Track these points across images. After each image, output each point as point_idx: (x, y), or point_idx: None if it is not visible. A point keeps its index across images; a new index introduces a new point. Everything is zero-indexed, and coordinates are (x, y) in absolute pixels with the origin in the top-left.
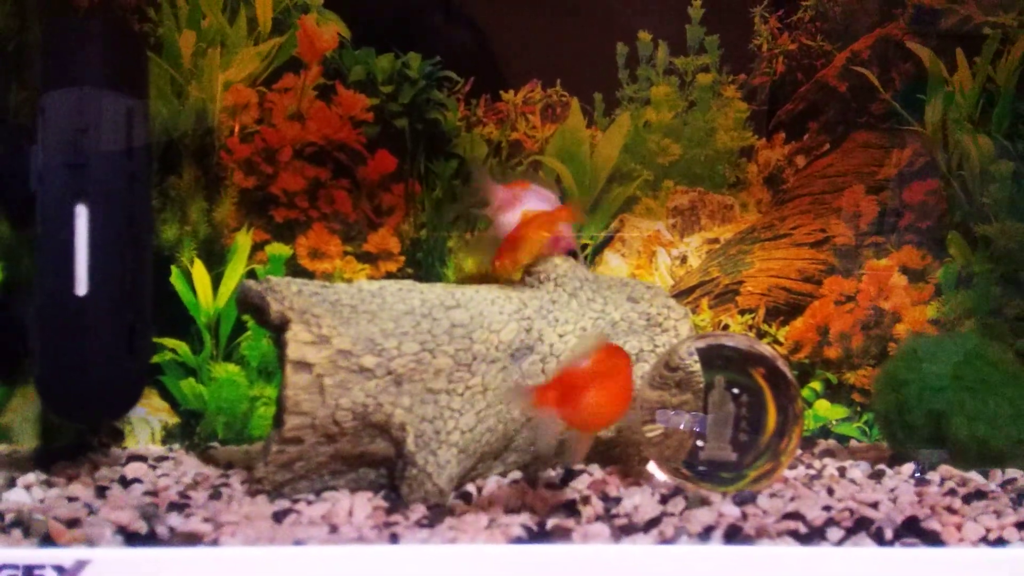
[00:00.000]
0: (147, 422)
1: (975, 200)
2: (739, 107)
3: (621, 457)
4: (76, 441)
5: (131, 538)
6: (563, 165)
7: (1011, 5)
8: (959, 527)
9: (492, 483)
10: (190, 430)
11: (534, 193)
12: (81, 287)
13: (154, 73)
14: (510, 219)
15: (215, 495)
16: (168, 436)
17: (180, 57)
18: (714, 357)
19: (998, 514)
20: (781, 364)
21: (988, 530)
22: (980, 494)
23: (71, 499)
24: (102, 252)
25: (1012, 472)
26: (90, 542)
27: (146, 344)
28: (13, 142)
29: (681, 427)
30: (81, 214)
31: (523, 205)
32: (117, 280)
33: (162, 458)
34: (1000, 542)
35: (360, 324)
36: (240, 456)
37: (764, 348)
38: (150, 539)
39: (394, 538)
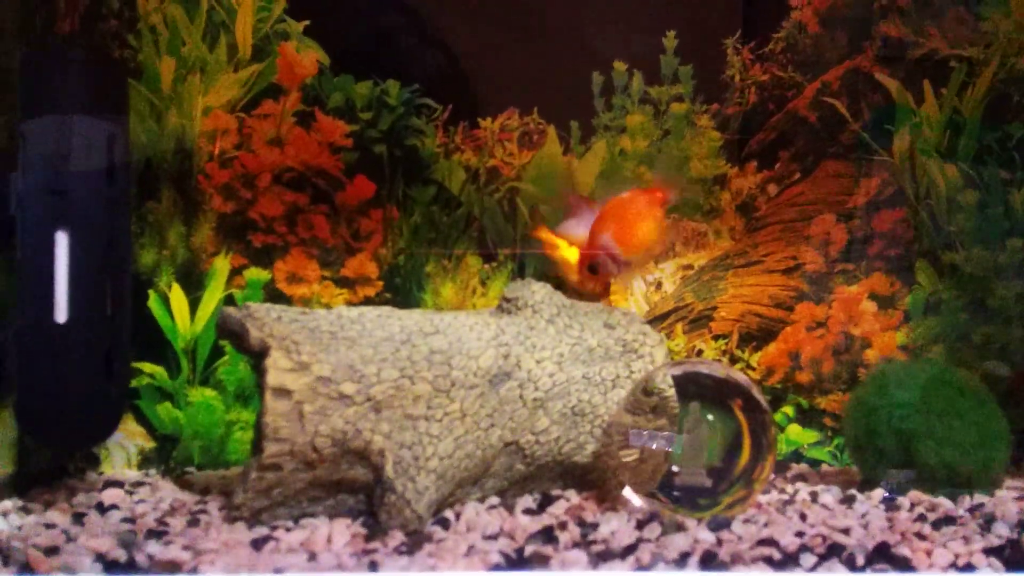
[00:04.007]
0: (123, 447)
1: (942, 228)
2: (712, 136)
3: (598, 482)
4: (52, 466)
5: (110, 566)
6: (539, 191)
7: (976, 39)
8: (929, 553)
9: (470, 509)
10: (166, 455)
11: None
12: (60, 313)
13: (134, 99)
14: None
15: (193, 522)
16: (144, 461)
17: (160, 83)
18: (689, 384)
19: (967, 540)
20: (755, 392)
21: (957, 556)
22: (949, 519)
23: (49, 526)
24: (81, 277)
25: (980, 497)
26: (69, 570)
27: (125, 370)
28: None
29: (654, 447)
30: (60, 240)
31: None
32: (96, 305)
33: (139, 484)
34: (969, 568)
35: (340, 351)
36: (217, 481)
37: (739, 376)
38: (129, 567)
39: (373, 565)
